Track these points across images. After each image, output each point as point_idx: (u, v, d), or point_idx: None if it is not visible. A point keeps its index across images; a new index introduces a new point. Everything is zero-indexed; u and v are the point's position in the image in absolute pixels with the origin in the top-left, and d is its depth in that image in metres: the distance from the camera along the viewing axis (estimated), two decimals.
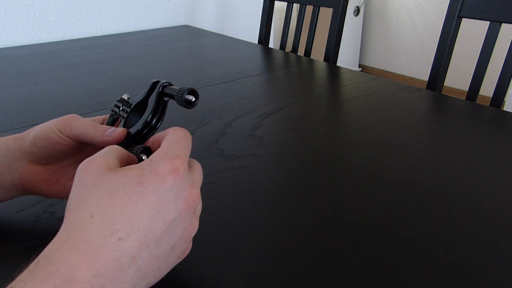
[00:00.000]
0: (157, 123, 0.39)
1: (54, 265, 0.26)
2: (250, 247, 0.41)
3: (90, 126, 0.39)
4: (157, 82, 0.40)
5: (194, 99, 0.37)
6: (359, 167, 0.57)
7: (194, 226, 0.33)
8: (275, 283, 0.37)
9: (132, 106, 0.41)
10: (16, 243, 0.41)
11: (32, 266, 0.27)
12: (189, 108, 0.37)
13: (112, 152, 0.33)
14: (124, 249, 0.28)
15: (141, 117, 0.39)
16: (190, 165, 0.34)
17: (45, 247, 0.28)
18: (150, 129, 0.39)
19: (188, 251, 0.34)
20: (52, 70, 1.03)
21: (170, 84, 0.39)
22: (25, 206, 0.47)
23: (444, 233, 0.43)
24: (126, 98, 0.42)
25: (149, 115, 0.38)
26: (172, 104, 0.40)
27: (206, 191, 0.37)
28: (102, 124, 0.43)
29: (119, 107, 0.42)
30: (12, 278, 0.26)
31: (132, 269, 0.28)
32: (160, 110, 0.39)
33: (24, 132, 0.41)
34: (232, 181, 0.53)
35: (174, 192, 0.30)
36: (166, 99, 0.39)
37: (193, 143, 0.38)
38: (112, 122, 0.42)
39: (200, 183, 0.34)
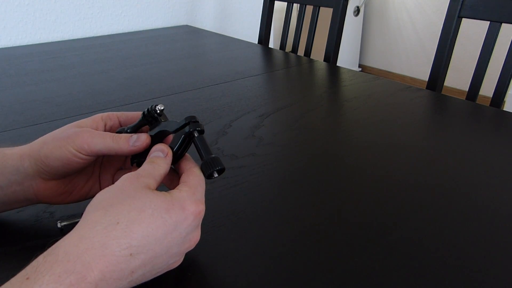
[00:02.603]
0: (176, 159, 0.39)
1: (72, 262, 0.28)
2: (250, 247, 0.41)
3: (109, 138, 0.38)
4: (192, 121, 0.38)
5: (216, 176, 0.37)
6: (359, 167, 0.57)
7: (180, 262, 0.36)
8: (275, 283, 0.37)
9: (158, 126, 0.40)
10: (16, 243, 0.41)
11: (50, 257, 0.28)
12: (207, 178, 0.37)
13: (155, 172, 0.36)
14: (130, 264, 0.30)
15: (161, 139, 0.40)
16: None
17: (59, 238, 0.30)
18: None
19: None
20: (52, 70, 1.03)
21: (202, 131, 0.38)
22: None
23: (444, 233, 0.43)
24: (160, 109, 0.40)
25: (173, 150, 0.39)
26: (171, 101, 0.40)
27: (206, 191, 0.38)
28: (130, 121, 0.43)
29: (152, 116, 0.40)
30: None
31: (127, 280, 0.31)
32: (183, 148, 0.39)
33: (30, 148, 0.39)
34: (232, 181, 0.53)
35: (187, 231, 0.34)
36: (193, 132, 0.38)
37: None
38: (139, 127, 0.41)
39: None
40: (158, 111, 0.40)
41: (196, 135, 0.38)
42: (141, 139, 0.39)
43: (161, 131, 0.40)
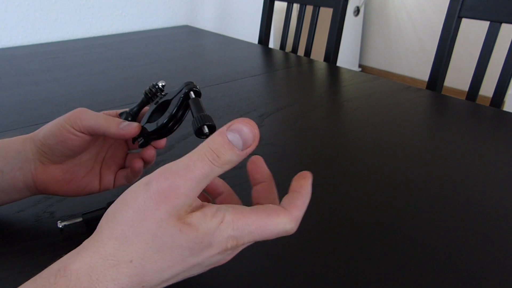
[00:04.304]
0: (176, 122, 0.39)
1: None
2: (250, 247, 0.41)
3: (102, 117, 0.40)
4: (190, 83, 0.39)
5: (207, 132, 0.36)
6: (359, 167, 0.57)
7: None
8: (274, 283, 0.37)
9: (161, 100, 0.41)
10: (16, 243, 0.41)
11: (61, 280, 0.27)
12: (198, 136, 0.36)
13: (201, 183, 0.29)
14: None
15: (162, 113, 0.40)
16: None
17: (68, 252, 0.29)
18: (167, 130, 0.39)
19: None
20: (52, 70, 1.03)
21: (199, 94, 0.39)
22: (25, 206, 0.47)
23: (444, 233, 0.43)
24: (162, 85, 0.41)
25: (170, 117, 0.38)
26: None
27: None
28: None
29: (155, 93, 0.41)
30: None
31: None
32: (181, 109, 0.39)
33: (33, 133, 0.41)
34: (232, 181, 0.53)
35: (207, 264, 0.30)
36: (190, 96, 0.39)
37: (193, 144, 0.39)
38: (142, 106, 0.42)
39: None
40: (160, 86, 0.41)
41: (192, 97, 0.38)
42: (131, 125, 0.40)
43: (163, 102, 0.40)
